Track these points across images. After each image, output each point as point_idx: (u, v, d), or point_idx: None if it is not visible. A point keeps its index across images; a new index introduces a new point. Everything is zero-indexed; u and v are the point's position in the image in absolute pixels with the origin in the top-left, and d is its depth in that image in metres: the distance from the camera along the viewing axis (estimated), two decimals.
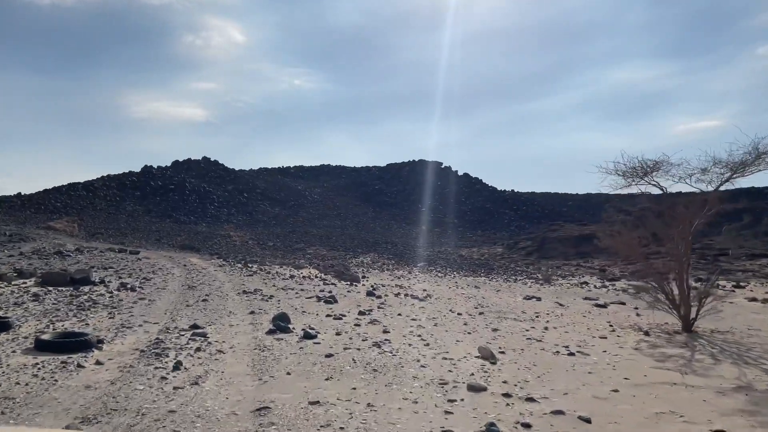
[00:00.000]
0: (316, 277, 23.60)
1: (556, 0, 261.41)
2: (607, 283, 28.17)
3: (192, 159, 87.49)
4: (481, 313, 15.55)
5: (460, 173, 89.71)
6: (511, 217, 73.38)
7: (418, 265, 38.41)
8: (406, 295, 19.00)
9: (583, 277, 31.67)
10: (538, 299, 20.03)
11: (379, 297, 17.83)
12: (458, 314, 15.31)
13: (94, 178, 79.37)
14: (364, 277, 25.61)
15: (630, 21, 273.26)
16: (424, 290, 21.27)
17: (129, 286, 16.76)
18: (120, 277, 19.10)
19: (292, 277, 22.59)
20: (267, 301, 15.54)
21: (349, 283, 21.89)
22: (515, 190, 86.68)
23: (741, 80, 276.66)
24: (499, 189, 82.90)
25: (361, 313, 14.27)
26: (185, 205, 70.69)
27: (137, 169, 79.75)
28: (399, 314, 14.58)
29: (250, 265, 26.68)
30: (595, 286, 26.71)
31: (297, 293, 17.60)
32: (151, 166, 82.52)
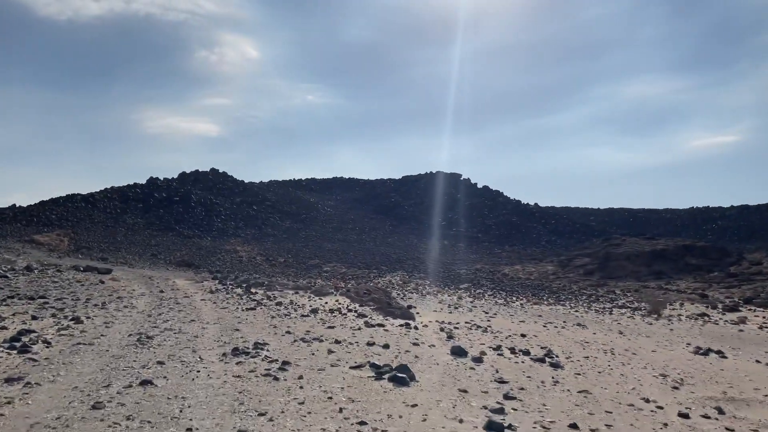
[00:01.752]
0: (349, 310, 15.51)
1: (569, 14, 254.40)
2: (728, 314, 20.03)
3: (200, 171, 79.97)
4: (689, 406, 7.48)
5: (479, 186, 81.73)
6: (540, 231, 65.17)
7: (462, 287, 30.30)
8: (514, 351, 10.83)
9: (683, 304, 23.41)
10: (721, 354, 11.87)
11: (478, 360, 9.68)
12: (656, 407, 7.26)
13: (96, 191, 71.64)
14: (410, 306, 17.54)
15: (645, 35, 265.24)
16: (522, 336, 13.14)
17: (28, 340, 8.74)
18: (38, 317, 11.08)
19: (314, 312, 14.47)
20: (277, 378, 7.45)
21: (402, 322, 13.79)
22: (538, 204, 78.55)
23: (758, 95, 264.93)
24: (523, 202, 74.78)
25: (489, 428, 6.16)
26: (190, 218, 62.94)
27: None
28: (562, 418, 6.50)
29: (254, 291, 18.62)
30: (728, 322, 18.53)
31: (330, 352, 9.49)
32: (156, 178, 74.99)
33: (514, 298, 25.69)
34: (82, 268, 22.18)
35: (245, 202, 70.30)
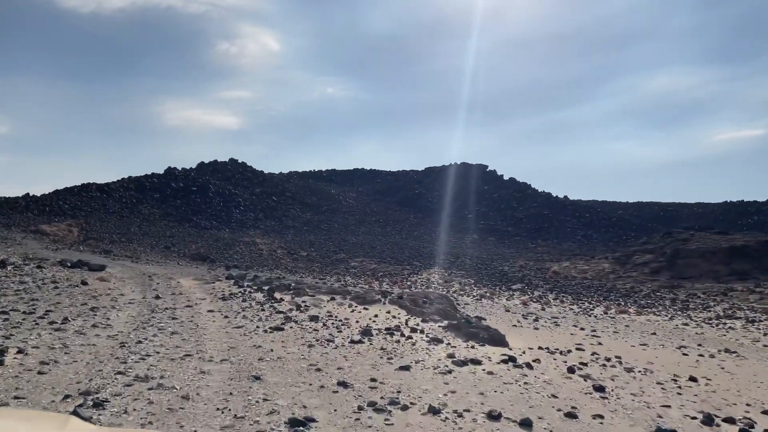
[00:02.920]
0: (414, 329, 10.79)
1: (594, 5, 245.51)
2: None
3: (218, 161, 75.76)
4: None
5: (505, 177, 76.57)
6: (574, 225, 60.00)
7: (514, 287, 25.53)
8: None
9: None
10: None
11: None
12: None
13: (112, 181, 67.55)
14: (479, 317, 12.83)
15: (672, 26, 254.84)
16: (693, 380, 8.38)
17: None
18: None
19: (366, 334, 9.74)
20: None
21: (499, 353, 9.04)
22: (567, 197, 73.19)
23: None
24: (553, 195, 69.47)
25: None
26: (208, 209, 58.74)
27: None
28: None
29: (279, 297, 14.00)
30: None
31: None
32: (174, 168, 70.95)
33: (587, 303, 20.87)
34: (69, 264, 17.73)
35: (265, 192, 65.95)
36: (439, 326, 10.91)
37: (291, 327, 9.91)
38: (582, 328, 14.18)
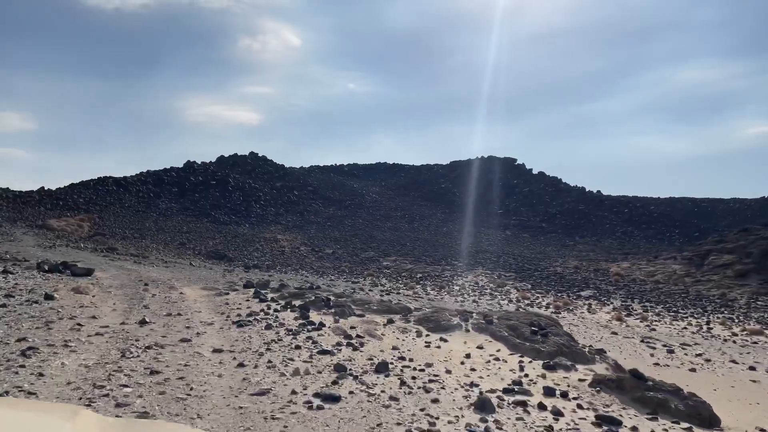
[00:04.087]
0: (531, 380, 6.40)
1: None
2: None
3: (238, 154, 71.96)
4: None
5: (534, 171, 71.68)
6: (613, 221, 55.12)
7: (583, 294, 21.08)
8: None
9: None
10: None
11: None
12: None
13: (131, 175, 63.87)
14: (600, 351, 8.50)
15: (701, 18, 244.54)
16: None
17: None
18: None
19: (481, 407, 5.35)
20: None
21: None
22: (600, 191, 68.07)
23: None
24: (587, 189, 64.44)
25: None
26: (227, 203, 54.88)
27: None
28: None
29: (316, 319, 9.73)
30: None
31: None
32: (194, 162, 67.16)
33: (690, 318, 16.34)
34: (47, 268, 13.65)
35: (286, 187, 61.94)
36: (579, 381, 6.55)
37: (351, 393, 5.62)
38: (738, 364, 9.78)
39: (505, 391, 6.04)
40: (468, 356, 7.74)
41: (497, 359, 7.69)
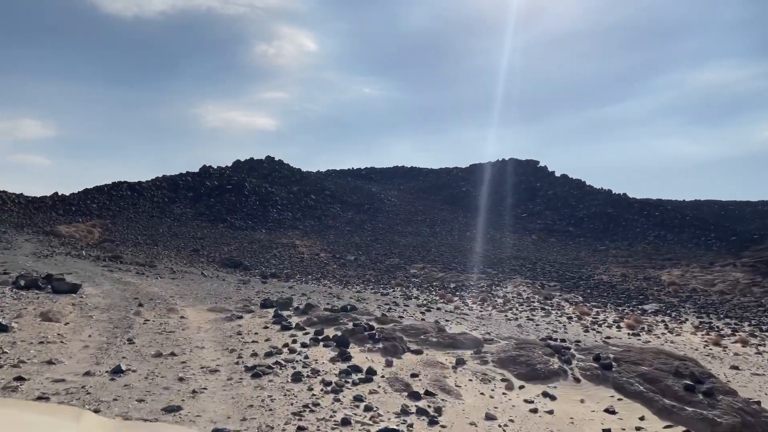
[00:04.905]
0: None
1: None
2: None
3: (254, 158, 69.65)
4: None
5: (556, 174, 68.43)
6: (644, 224, 51.78)
7: (647, 308, 18.09)
8: None
9: None
10: None
11: None
12: None
13: (145, 180, 61.65)
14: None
15: (720, 19, 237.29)
16: None
17: None
18: None
19: None
20: None
21: None
22: (626, 194, 64.63)
23: None
24: (614, 192, 61.07)
25: None
26: (243, 208, 52.46)
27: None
28: None
29: (361, 367, 6.91)
30: None
31: None
32: (209, 167, 64.92)
33: None
34: (23, 283, 11.05)
35: (302, 191, 59.40)
36: None
37: None
38: None
39: None
40: None
41: None
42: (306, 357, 6.83)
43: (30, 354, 6.41)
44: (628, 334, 13.37)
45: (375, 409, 5.11)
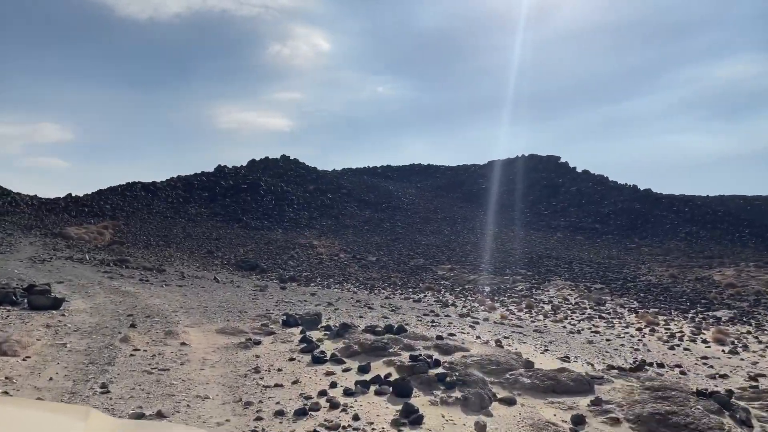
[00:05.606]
0: None
1: None
2: None
3: (269, 158, 67.75)
4: None
5: (578, 170, 65.62)
6: (674, 221, 48.93)
7: (719, 315, 15.64)
8: None
9: None
10: None
11: None
12: None
13: (160, 180, 59.89)
14: None
15: (738, 12, 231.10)
16: None
17: None
18: None
19: None
20: None
21: None
22: (650, 189, 61.60)
23: None
24: (640, 188, 58.13)
25: None
26: (259, 207, 50.49)
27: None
28: None
29: (440, 415, 4.55)
30: None
31: None
32: (224, 166, 63.08)
33: None
34: None
35: (319, 190, 57.33)
36: None
37: None
38: None
39: None
40: None
41: None
42: (355, 417, 4.57)
43: None
44: (723, 350, 11.00)
45: None
